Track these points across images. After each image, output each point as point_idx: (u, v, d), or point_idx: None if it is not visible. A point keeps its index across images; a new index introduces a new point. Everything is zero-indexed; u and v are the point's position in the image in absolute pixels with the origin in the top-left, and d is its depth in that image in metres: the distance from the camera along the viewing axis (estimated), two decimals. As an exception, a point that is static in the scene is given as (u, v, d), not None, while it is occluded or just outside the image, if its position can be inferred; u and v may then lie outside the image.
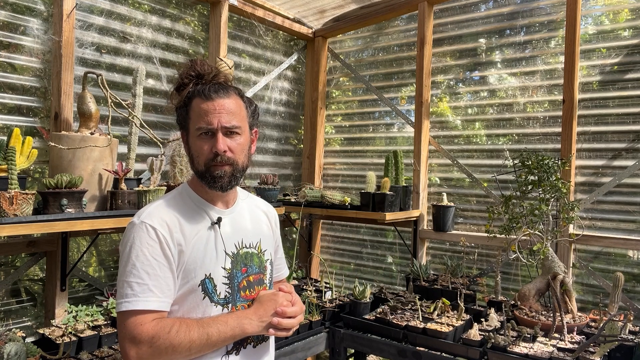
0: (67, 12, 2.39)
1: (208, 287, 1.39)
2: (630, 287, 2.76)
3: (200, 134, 1.39)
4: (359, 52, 4.04)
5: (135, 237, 1.33)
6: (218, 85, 1.42)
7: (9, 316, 2.41)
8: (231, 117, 1.39)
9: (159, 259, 1.33)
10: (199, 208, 1.46)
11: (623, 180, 2.78)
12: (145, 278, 1.30)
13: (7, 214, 1.83)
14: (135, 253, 1.31)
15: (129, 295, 1.28)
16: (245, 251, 1.50)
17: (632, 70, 2.79)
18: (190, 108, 1.42)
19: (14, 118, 2.36)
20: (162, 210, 1.40)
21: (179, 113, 1.46)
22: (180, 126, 1.48)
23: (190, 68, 1.43)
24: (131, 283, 1.29)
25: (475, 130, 3.37)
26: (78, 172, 2.17)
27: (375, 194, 3.14)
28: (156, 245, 1.33)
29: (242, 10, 3.37)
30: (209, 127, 1.37)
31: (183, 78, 1.43)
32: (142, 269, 1.30)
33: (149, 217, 1.36)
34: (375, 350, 2.51)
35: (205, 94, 1.38)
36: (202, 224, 1.43)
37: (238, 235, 1.50)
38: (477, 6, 3.36)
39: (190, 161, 1.46)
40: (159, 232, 1.34)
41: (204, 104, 1.38)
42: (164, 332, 1.27)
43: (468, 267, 3.22)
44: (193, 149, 1.43)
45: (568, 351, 2.11)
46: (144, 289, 1.29)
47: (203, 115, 1.38)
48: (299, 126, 4.19)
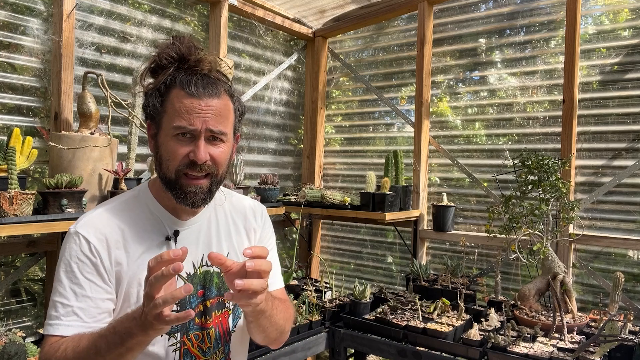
0: (67, 12, 2.39)
1: None
2: (630, 287, 2.76)
3: (177, 134, 1.14)
4: (359, 52, 4.04)
5: (66, 250, 1.14)
6: (207, 79, 1.17)
7: (9, 316, 2.41)
8: (219, 121, 1.15)
9: (90, 277, 1.12)
10: (154, 218, 1.23)
11: (623, 180, 2.78)
12: (72, 299, 1.10)
13: (7, 214, 1.83)
14: (64, 268, 1.12)
15: (52, 318, 1.10)
16: (204, 270, 1.26)
17: (632, 70, 2.79)
18: (167, 99, 1.16)
19: (14, 118, 2.36)
20: (104, 219, 1.18)
21: (149, 100, 1.19)
22: (148, 116, 1.21)
23: (172, 47, 1.17)
24: (56, 303, 1.11)
25: (475, 130, 3.37)
26: (78, 172, 2.17)
27: (375, 193, 3.14)
28: (88, 262, 1.13)
29: (242, 10, 3.37)
30: (191, 128, 1.12)
31: (162, 58, 1.17)
32: (70, 288, 1.11)
33: (85, 227, 1.15)
34: (375, 350, 2.51)
35: (190, 88, 1.13)
36: (154, 239, 1.20)
37: (199, 251, 1.26)
38: (477, 6, 3.36)
39: (157, 163, 1.20)
40: (92, 247, 1.13)
41: (188, 100, 1.13)
42: (52, 353, 1.06)
43: (468, 267, 3.22)
44: (163, 150, 1.16)
45: (568, 351, 2.11)
46: (67, 312, 1.10)
47: (184, 113, 1.12)
48: (299, 126, 4.19)
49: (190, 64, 1.18)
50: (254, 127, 3.74)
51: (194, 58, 1.18)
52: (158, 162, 1.19)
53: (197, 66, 1.18)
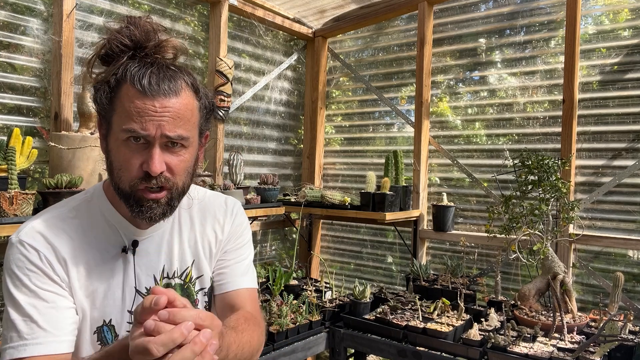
0: (67, 12, 2.39)
1: (106, 337, 1.06)
2: (630, 287, 2.76)
3: (128, 138, 0.96)
4: (359, 52, 4.04)
5: (12, 262, 0.99)
6: (164, 72, 0.98)
7: (9, 316, 2.41)
8: (177, 124, 0.97)
9: (47, 287, 0.99)
10: (109, 226, 1.08)
11: (623, 180, 2.78)
12: (34, 314, 0.96)
13: (7, 214, 1.83)
14: (14, 282, 0.98)
15: (14, 339, 0.95)
16: (166, 283, 1.13)
17: (632, 70, 2.79)
18: (117, 96, 0.97)
19: (14, 118, 2.36)
20: (51, 226, 1.03)
21: (98, 94, 1.00)
22: (98, 112, 1.03)
23: (126, 31, 0.99)
24: (15, 322, 0.96)
25: (475, 130, 3.37)
26: (78, 172, 2.17)
27: (375, 194, 3.14)
28: (40, 272, 0.99)
29: (242, 10, 3.37)
30: (144, 134, 0.95)
31: (113, 45, 0.98)
32: (28, 303, 0.96)
33: (29, 235, 1.01)
34: (375, 350, 2.52)
35: (142, 84, 0.95)
36: (109, 251, 1.07)
37: (160, 263, 1.13)
38: (477, 6, 3.36)
39: (109, 170, 1.03)
40: (42, 256, 0.99)
41: (140, 100, 0.95)
42: None
43: (468, 267, 3.22)
44: (115, 157, 1.00)
45: (568, 351, 2.11)
46: (32, 329, 0.95)
47: (135, 115, 0.94)
48: (299, 126, 4.19)
49: (147, 51, 1.00)
50: (254, 127, 3.74)
51: (153, 44, 1.00)
52: (109, 169, 1.03)
53: (158, 53, 1.02)
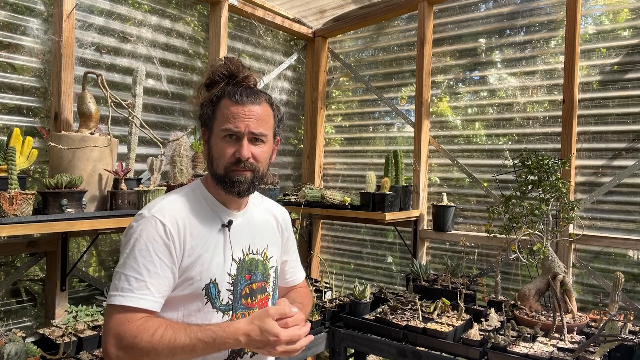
0: (67, 12, 2.39)
1: (212, 292, 1.35)
2: (630, 287, 2.76)
3: (225, 136, 1.36)
4: (359, 52, 4.04)
5: (142, 230, 1.29)
6: (250, 89, 1.39)
7: (9, 316, 2.41)
8: (259, 124, 1.37)
9: (162, 257, 1.28)
10: (211, 209, 1.43)
11: (623, 180, 2.78)
12: (145, 274, 1.25)
13: (7, 214, 1.83)
14: (139, 247, 1.27)
15: (124, 290, 1.23)
16: (251, 257, 1.46)
17: (632, 70, 2.79)
18: (217, 108, 1.38)
19: (14, 118, 2.36)
20: (175, 206, 1.36)
21: (204, 110, 1.41)
22: (203, 124, 1.44)
23: (224, 66, 1.40)
24: (129, 277, 1.25)
25: (475, 130, 3.37)
26: (78, 172, 2.17)
27: (375, 194, 3.14)
28: (162, 242, 1.28)
29: (242, 10, 3.37)
30: (236, 130, 1.34)
31: (215, 75, 1.40)
32: (143, 265, 1.25)
33: (160, 212, 1.32)
34: (375, 350, 2.51)
35: (235, 97, 1.35)
36: (213, 227, 1.40)
37: (246, 241, 1.46)
38: (477, 6, 3.36)
39: (209, 162, 1.42)
40: (167, 230, 1.30)
41: (234, 107, 1.35)
42: (147, 334, 1.19)
43: (468, 267, 3.22)
44: (214, 150, 1.39)
45: (568, 351, 2.11)
46: (141, 286, 1.24)
47: (231, 118, 1.34)
48: (299, 126, 4.19)
49: (238, 79, 1.40)
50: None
51: (242, 75, 1.41)
52: (209, 162, 1.41)
53: (244, 81, 1.41)
